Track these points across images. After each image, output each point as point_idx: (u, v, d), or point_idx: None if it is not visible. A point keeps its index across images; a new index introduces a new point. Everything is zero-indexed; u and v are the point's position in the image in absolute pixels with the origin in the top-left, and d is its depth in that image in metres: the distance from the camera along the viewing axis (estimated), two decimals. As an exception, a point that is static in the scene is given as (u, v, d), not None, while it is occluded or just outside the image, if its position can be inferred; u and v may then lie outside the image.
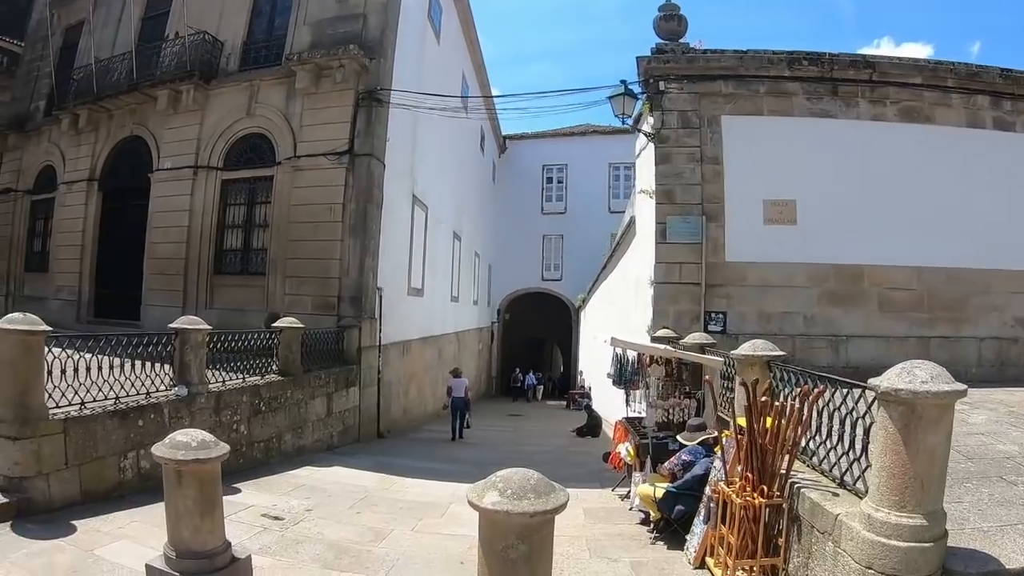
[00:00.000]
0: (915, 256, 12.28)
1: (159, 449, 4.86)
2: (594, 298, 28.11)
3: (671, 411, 8.07)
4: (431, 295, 19.90)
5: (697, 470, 6.66)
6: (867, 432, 4.44)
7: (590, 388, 27.08)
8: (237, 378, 9.72)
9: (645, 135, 13.72)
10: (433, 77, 18.17)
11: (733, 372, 7.48)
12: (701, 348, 9.05)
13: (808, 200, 12.53)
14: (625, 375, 8.23)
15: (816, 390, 5.09)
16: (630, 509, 8.13)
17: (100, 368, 7.45)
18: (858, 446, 4.69)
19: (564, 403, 29.43)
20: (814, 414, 5.21)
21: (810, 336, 12.52)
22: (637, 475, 7.75)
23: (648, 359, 8.07)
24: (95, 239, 17.77)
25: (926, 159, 12.47)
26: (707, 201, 12.95)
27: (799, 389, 5.43)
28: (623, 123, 13.83)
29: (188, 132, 16.29)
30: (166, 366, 8.49)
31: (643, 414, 9.63)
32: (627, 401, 10.01)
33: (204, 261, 15.61)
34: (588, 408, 17.63)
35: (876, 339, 12.42)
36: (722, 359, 7.95)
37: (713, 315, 12.74)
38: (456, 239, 24.14)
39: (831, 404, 5.18)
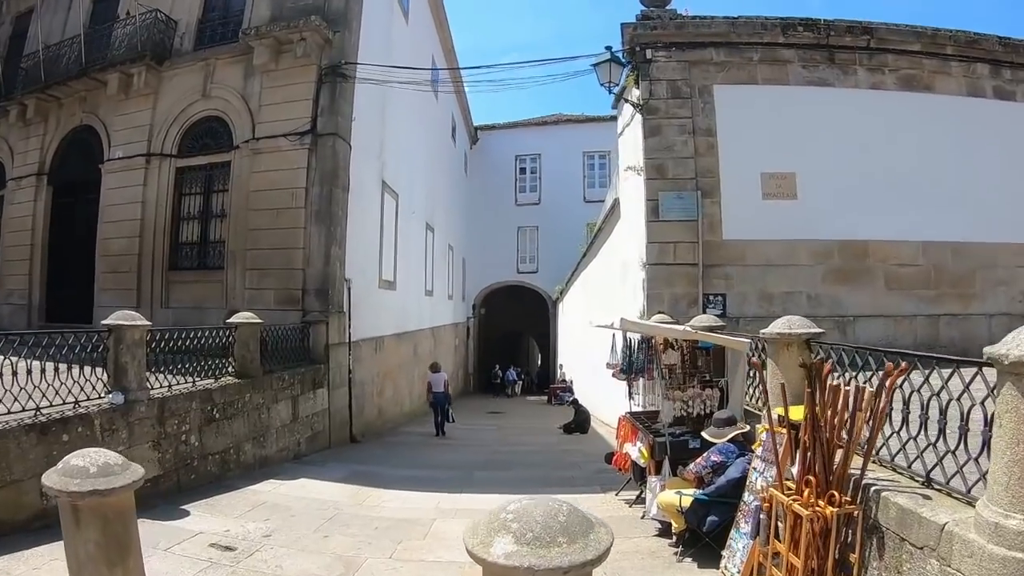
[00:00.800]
0: (920, 230, 11.63)
1: (49, 478, 3.63)
2: (573, 289, 27.02)
3: (691, 403, 6.93)
4: (404, 289, 18.64)
5: (732, 473, 5.57)
6: (989, 420, 3.33)
7: (572, 382, 26.02)
8: (186, 382, 8.39)
9: (633, 105, 12.62)
10: (402, 59, 16.88)
11: (762, 355, 6.40)
12: (710, 331, 7.95)
13: (808, 173, 11.79)
14: (635, 363, 7.09)
15: (898, 369, 3.98)
16: (642, 518, 7.02)
17: (16, 374, 6.14)
18: (950, 436, 3.73)
19: (545, 398, 28.32)
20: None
21: (815, 317, 11.14)
22: (653, 479, 6.62)
23: (662, 344, 6.93)
24: (45, 238, 16.16)
25: (927, 129, 11.89)
26: (701, 175, 12.08)
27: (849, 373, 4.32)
28: (609, 91, 12.68)
29: (140, 118, 14.84)
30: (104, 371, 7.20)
31: (648, 407, 8.55)
32: (629, 394, 8.86)
33: (159, 256, 14.19)
34: (575, 403, 16.50)
35: (884, 319, 11.69)
36: (748, 341, 6.86)
37: (712, 297, 11.85)
38: (429, 230, 22.87)
39: (906, 386, 4.15)
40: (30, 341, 6.78)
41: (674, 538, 6.03)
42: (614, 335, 9.69)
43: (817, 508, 4.08)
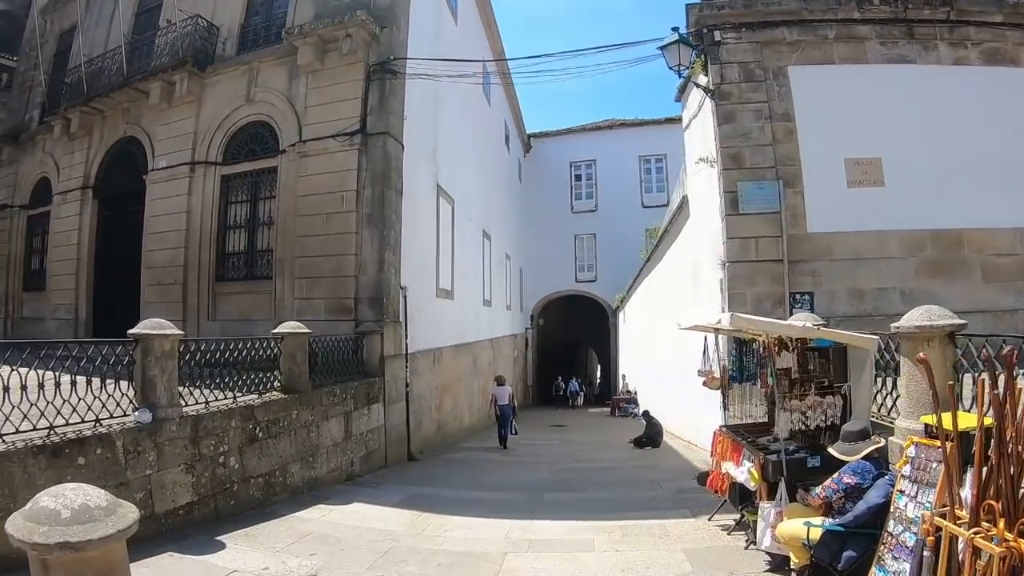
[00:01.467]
0: (1016, 216, 10.37)
1: (13, 522, 2.74)
2: (635, 296, 25.79)
3: (810, 414, 5.74)
4: (462, 298, 17.75)
5: (873, 497, 4.47)
6: None
7: (636, 392, 24.75)
8: (225, 397, 7.56)
9: (704, 91, 11.51)
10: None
11: (894, 355, 5.26)
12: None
13: (894, 157, 10.69)
14: (747, 369, 5.94)
15: None
16: (747, 548, 5.89)
17: (24, 388, 5.38)
18: None
19: (608, 410, 27.06)
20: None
21: (909, 316, 10.37)
22: (766, 506, 5.47)
23: (775, 346, 5.77)
24: (91, 251, 15.85)
25: (1016, 106, 10.63)
26: (781, 164, 11.03)
27: None
28: (679, 75, 11.67)
29: (184, 126, 14.40)
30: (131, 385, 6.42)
31: (746, 419, 7.42)
32: (724, 404, 7.71)
33: (205, 267, 13.61)
34: (647, 415, 15.27)
35: (983, 314, 10.21)
36: (876, 338, 5.69)
37: (798, 296, 10.73)
38: (486, 238, 21.99)
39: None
40: (58, 353, 6.05)
41: (793, 575, 4.91)
42: (705, 339, 8.54)
43: (1011, 544, 2.97)
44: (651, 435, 14.17)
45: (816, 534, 4.60)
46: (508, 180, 29.23)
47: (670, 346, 17.46)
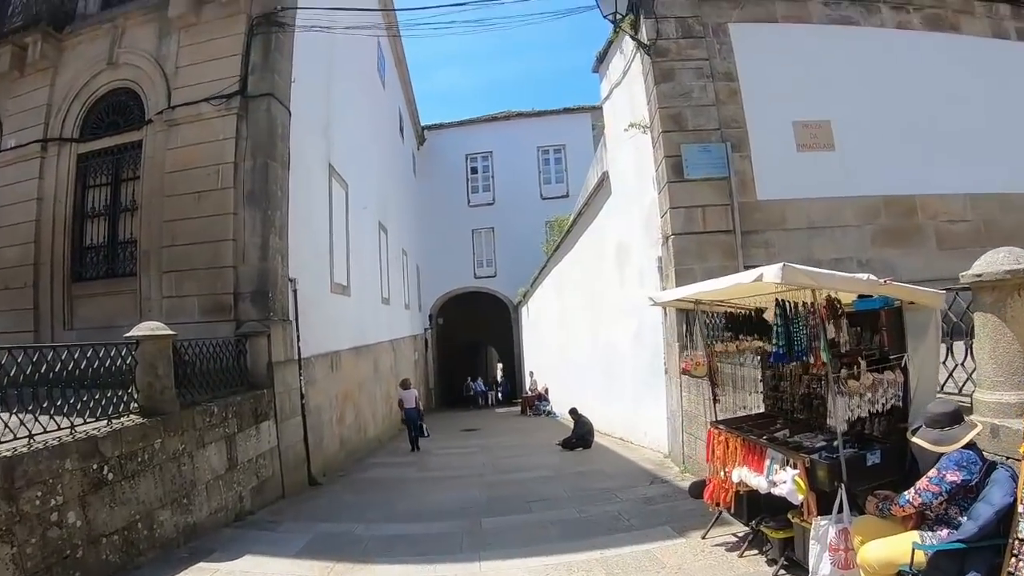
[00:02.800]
0: (965, 182, 10.08)
1: None
2: (542, 289, 24.45)
3: (870, 395, 4.28)
4: (360, 295, 15.73)
5: (999, 498, 3.30)
6: None
7: (547, 390, 23.39)
8: (59, 427, 5.42)
9: (640, 45, 10.17)
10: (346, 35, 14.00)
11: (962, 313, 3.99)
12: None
13: (844, 121, 10.17)
14: (798, 343, 4.41)
15: None
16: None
17: None
18: None
19: (517, 409, 25.60)
20: None
21: (869, 287, 9.68)
22: (823, 523, 4.03)
23: (825, 309, 4.29)
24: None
25: (957, 72, 10.43)
26: (725, 126, 10.13)
27: None
28: (613, 23, 10.33)
29: (36, 98, 11.78)
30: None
31: (738, 411, 6.07)
32: (714, 395, 6.30)
33: (59, 265, 11.05)
34: (574, 413, 13.73)
35: (942, 282, 9.53)
36: (943, 292, 4.43)
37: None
38: (383, 231, 19.95)
39: None
40: None
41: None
42: (687, 316, 7.18)
43: None
44: (581, 435, 12.68)
45: (922, 555, 3.25)
46: (403, 172, 27.19)
47: (590, 337, 16.15)
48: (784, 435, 5.01)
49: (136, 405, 6.49)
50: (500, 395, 32.91)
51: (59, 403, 5.63)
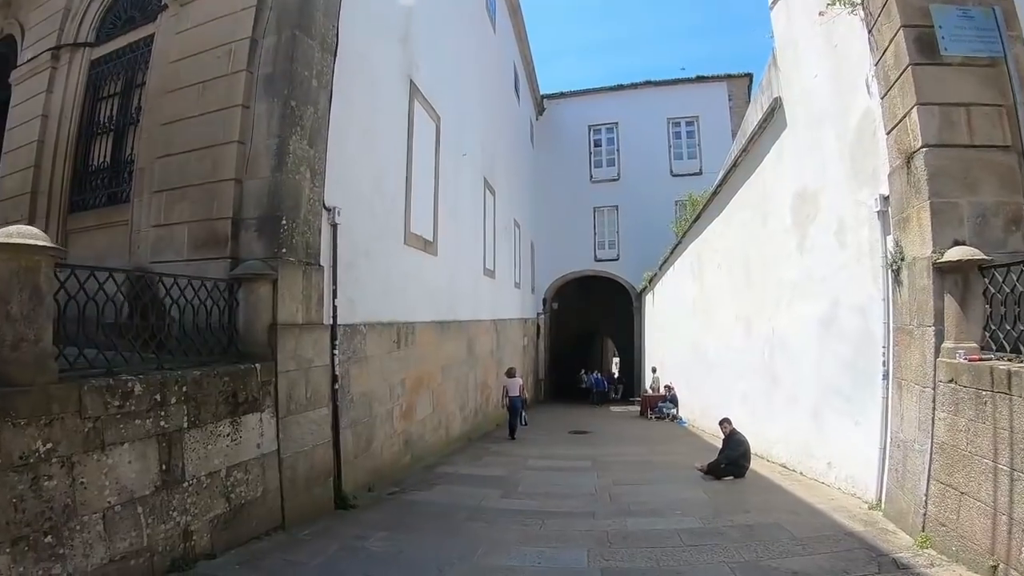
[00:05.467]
0: None
1: None
2: (672, 273, 20.29)
3: None
4: (452, 258, 12.40)
5: None
6: None
7: (673, 389, 19.28)
8: None
9: None
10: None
11: None
12: None
13: None
14: None
15: None
16: None
17: None
18: None
19: (636, 409, 21.63)
20: None
21: None
22: None
23: None
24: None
25: None
26: None
27: None
28: None
29: (56, 2, 9.35)
30: None
31: None
32: None
33: (57, 194, 8.48)
34: (727, 426, 9.54)
35: None
36: None
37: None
38: (488, 191, 16.57)
39: None
40: None
41: None
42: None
43: None
44: (734, 459, 8.71)
45: None
46: (518, 136, 23.78)
47: (741, 327, 12.03)
48: None
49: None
50: (619, 392, 29.02)
51: None
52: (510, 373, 15.17)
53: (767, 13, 10.20)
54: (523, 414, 15.04)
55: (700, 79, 28.93)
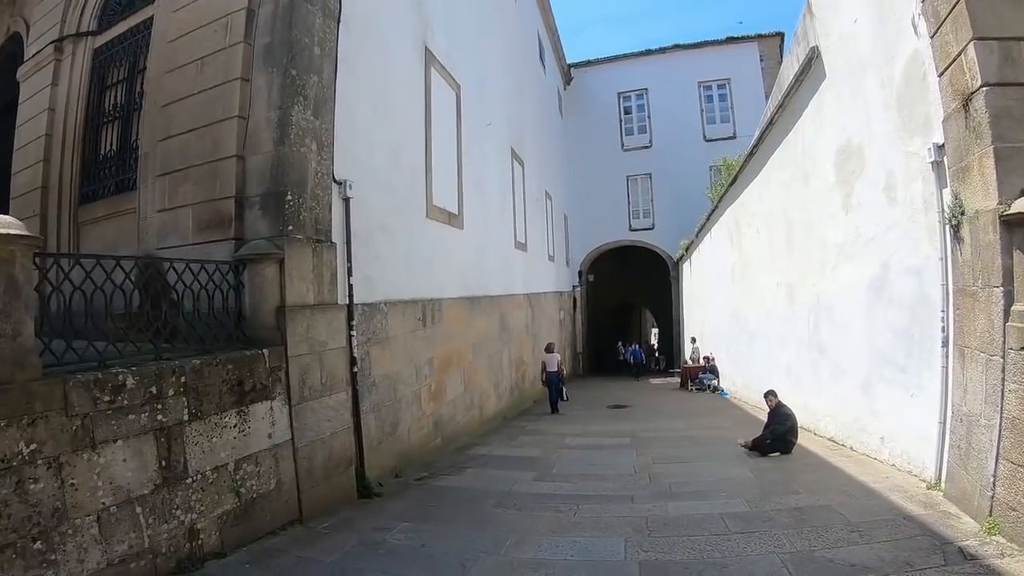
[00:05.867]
0: None
1: None
2: (708, 241, 19.60)
3: None
4: (480, 231, 11.98)
5: None
6: None
7: (713, 359, 18.68)
8: None
9: None
10: None
11: None
12: None
13: None
14: None
15: None
16: None
17: None
18: None
19: (676, 380, 21.06)
20: None
21: None
22: None
23: None
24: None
25: None
26: None
27: None
28: None
29: None
30: None
31: None
32: None
33: (67, 186, 8.27)
34: (772, 399, 9.00)
35: None
36: None
37: None
38: (516, 161, 16.06)
39: None
40: None
41: None
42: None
43: None
44: (781, 434, 8.17)
45: None
46: (546, 106, 23.13)
47: (784, 294, 11.41)
48: None
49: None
50: (661, 364, 28.54)
51: None
52: (548, 348, 15.12)
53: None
54: (563, 389, 15.00)
55: (730, 40, 27.86)
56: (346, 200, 6.62)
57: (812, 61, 9.27)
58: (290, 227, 5.71)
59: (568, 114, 27.82)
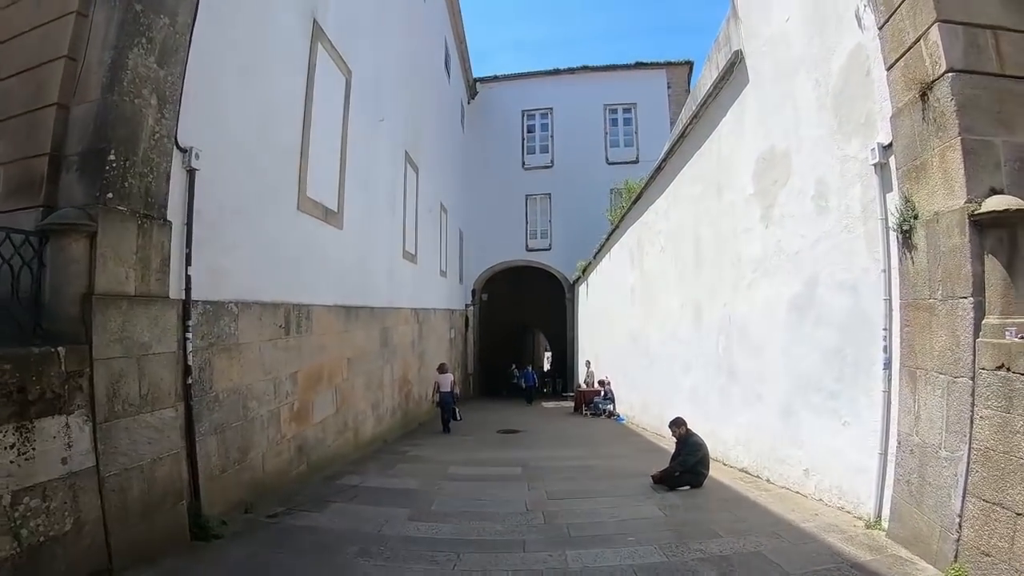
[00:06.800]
0: None
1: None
2: (607, 261, 19.23)
3: None
4: (362, 234, 10.89)
5: None
6: None
7: (609, 383, 18.19)
8: None
9: None
10: None
11: None
12: None
13: None
14: None
15: None
16: None
17: None
18: None
19: (570, 405, 20.43)
20: None
21: None
22: None
23: None
24: None
25: None
26: None
27: None
28: None
29: None
30: None
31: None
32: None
33: None
34: (679, 427, 8.25)
35: None
36: None
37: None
38: (410, 166, 15.06)
39: None
40: None
41: None
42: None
43: None
44: (691, 465, 7.52)
45: None
46: (447, 116, 22.27)
47: (690, 315, 10.91)
48: None
49: None
50: (561, 386, 28.13)
51: None
52: (441, 369, 15.11)
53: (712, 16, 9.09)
54: (455, 409, 14.71)
55: (639, 65, 28.21)
56: (191, 171, 5.41)
57: (735, 66, 8.84)
58: (109, 194, 4.48)
59: (470, 128, 27.16)
